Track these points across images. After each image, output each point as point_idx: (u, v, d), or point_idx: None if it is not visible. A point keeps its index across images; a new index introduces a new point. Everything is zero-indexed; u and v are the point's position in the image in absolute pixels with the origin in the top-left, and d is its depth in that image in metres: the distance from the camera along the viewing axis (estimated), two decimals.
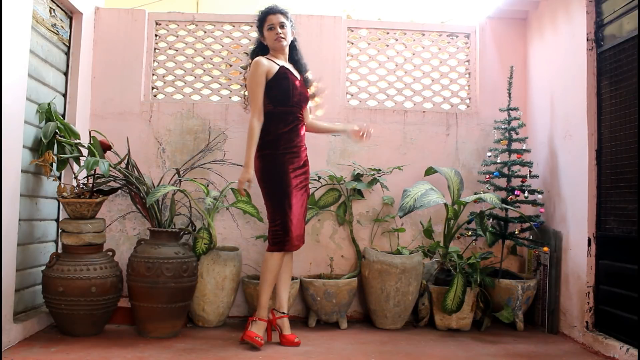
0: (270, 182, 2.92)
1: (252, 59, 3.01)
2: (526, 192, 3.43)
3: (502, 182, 3.54)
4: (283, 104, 2.95)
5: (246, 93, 3.08)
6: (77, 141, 3.14)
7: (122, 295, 3.08)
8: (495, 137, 3.66)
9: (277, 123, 2.94)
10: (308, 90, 3.10)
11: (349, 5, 5.16)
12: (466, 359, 2.77)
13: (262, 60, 2.95)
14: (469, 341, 3.11)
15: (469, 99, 3.90)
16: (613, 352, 2.72)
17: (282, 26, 2.98)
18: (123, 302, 3.10)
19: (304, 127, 3.07)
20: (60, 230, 3.06)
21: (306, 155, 3.06)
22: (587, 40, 3.07)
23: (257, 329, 2.87)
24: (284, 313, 2.98)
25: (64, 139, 3.05)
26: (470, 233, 3.55)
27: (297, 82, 3.01)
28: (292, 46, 3.09)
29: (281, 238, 2.87)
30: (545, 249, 3.34)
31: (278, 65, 2.97)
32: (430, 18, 4.65)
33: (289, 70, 3.00)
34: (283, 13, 3.00)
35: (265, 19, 3.00)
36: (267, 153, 2.92)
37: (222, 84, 3.82)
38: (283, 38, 2.98)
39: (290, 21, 3.03)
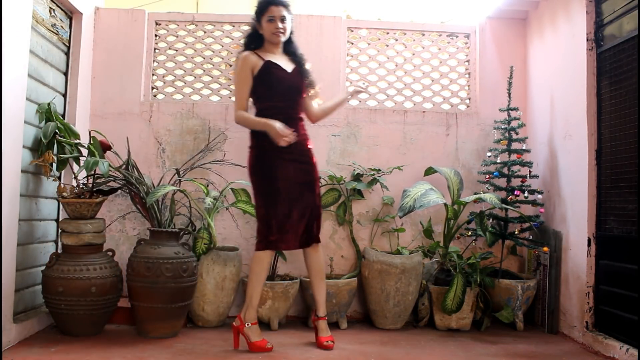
0: (258, 177, 2.84)
1: (245, 48, 2.94)
2: (526, 192, 3.43)
3: (502, 182, 3.54)
4: (270, 99, 2.87)
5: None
6: (77, 141, 3.15)
7: (122, 295, 3.08)
8: (495, 137, 3.66)
9: (269, 117, 2.80)
10: (305, 81, 2.96)
11: (349, 5, 5.16)
12: (466, 359, 2.77)
13: (249, 56, 2.88)
14: (468, 341, 3.11)
15: (469, 99, 3.90)
16: (613, 352, 2.72)
17: (282, 20, 2.86)
18: (123, 302, 3.10)
19: (300, 121, 2.93)
20: (60, 230, 3.06)
21: (308, 150, 2.92)
22: (587, 40, 3.07)
23: (256, 335, 2.81)
24: (318, 316, 2.95)
25: (63, 139, 3.05)
26: (470, 233, 3.54)
27: (287, 75, 2.89)
28: (289, 39, 2.97)
29: (264, 236, 2.79)
30: (545, 249, 3.34)
31: (264, 60, 2.87)
32: (430, 18, 4.66)
33: (274, 64, 2.88)
34: (285, 6, 2.88)
35: (266, 8, 2.86)
36: (255, 148, 2.86)
37: (222, 84, 3.82)
38: (282, 33, 2.87)
39: (291, 15, 2.93)
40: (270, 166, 2.81)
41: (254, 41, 2.94)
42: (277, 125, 2.72)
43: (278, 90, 2.87)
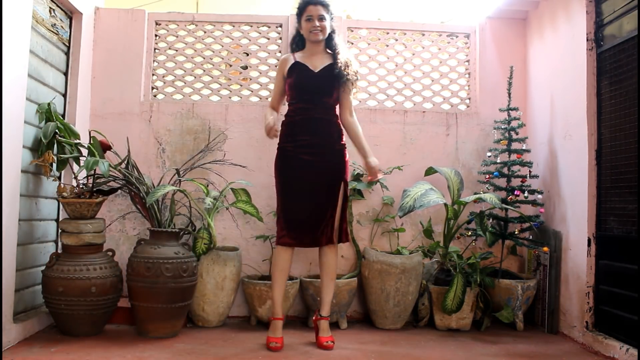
0: (276, 174, 2.97)
1: (289, 48, 3.07)
2: (526, 192, 3.43)
3: (502, 182, 3.54)
4: (294, 100, 2.96)
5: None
6: (77, 141, 3.14)
7: (122, 295, 3.08)
8: (495, 137, 3.66)
9: (292, 117, 2.95)
10: (334, 81, 2.92)
11: (349, 5, 5.16)
12: (466, 359, 2.77)
13: (285, 57, 3.02)
14: (468, 341, 3.11)
15: (469, 99, 3.90)
16: (613, 352, 2.72)
17: (320, 19, 2.90)
18: (123, 302, 3.10)
19: (326, 122, 2.92)
20: (60, 230, 3.06)
21: (333, 151, 2.92)
22: (587, 40, 3.07)
23: (272, 331, 2.88)
24: (321, 316, 2.96)
25: (63, 139, 3.05)
26: (470, 233, 3.54)
27: (312, 76, 2.92)
28: (329, 37, 2.99)
29: (277, 231, 2.93)
30: (545, 249, 3.34)
31: (294, 60, 2.97)
32: (430, 18, 4.66)
33: (301, 64, 2.94)
34: (324, 5, 2.92)
35: (305, 8, 2.92)
36: (278, 146, 2.97)
37: (222, 84, 3.82)
38: (320, 31, 2.91)
39: (331, 13, 2.96)
40: (285, 164, 2.92)
41: (297, 41, 3.03)
42: (266, 121, 2.87)
43: (300, 91, 2.94)
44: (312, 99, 2.93)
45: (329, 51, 3.01)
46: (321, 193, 2.91)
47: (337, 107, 3.01)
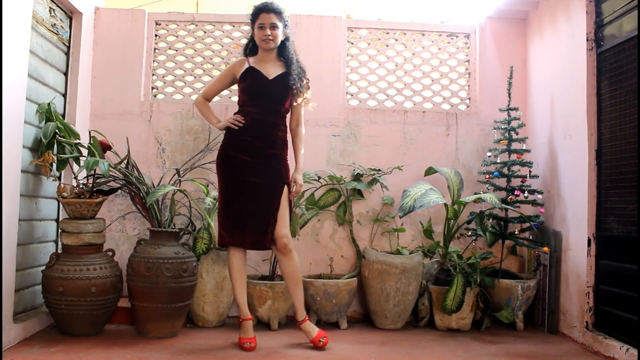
0: (218, 172, 2.95)
1: (243, 53, 3.05)
2: (526, 192, 3.43)
3: (502, 182, 3.54)
4: (247, 104, 2.92)
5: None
6: (77, 141, 3.15)
7: (122, 295, 3.08)
8: (495, 137, 3.66)
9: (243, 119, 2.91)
10: (288, 89, 2.91)
11: (349, 5, 5.16)
12: (466, 359, 2.77)
13: (238, 60, 3.01)
14: (468, 341, 3.11)
15: (469, 99, 3.91)
16: (613, 352, 2.72)
17: (273, 27, 2.87)
18: (123, 302, 3.10)
19: (274, 127, 2.91)
20: (60, 230, 3.06)
21: (272, 153, 2.88)
22: (587, 40, 3.07)
23: (244, 333, 2.88)
24: (298, 321, 2.93)
25: (63, 139, 3.05)
26: (470, 233, 3.54)
27: (266, 83, 2.90)
28: (282, 45, 2.96)
29: (218, 231, 2.94)
30: (545, 249, 3.34)
31: (248, 65, 2.94)
32: (430, 18, 4.65)
33: (255, 70, 2.91)
34: (277, 13, 2.88)
35: (257, 15, 2.90)
36: (221, 145, 2.95)
37: None
38: (271, 40, 2.88)
39: (284, 21, 2.92)
40: (226, 163, 2.91)
41: (250, 48, 3.02)
42: (217, 122, 2.98)
43: (253, 96, 2.92)
44: (264, 105, 2.91)
45: (282, 59, 2.97)
46: (261, 194, 2.84)
47: (288, 116, 3.00)
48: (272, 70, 2.94)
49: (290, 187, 2.91)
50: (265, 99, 2.91)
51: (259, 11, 2.90)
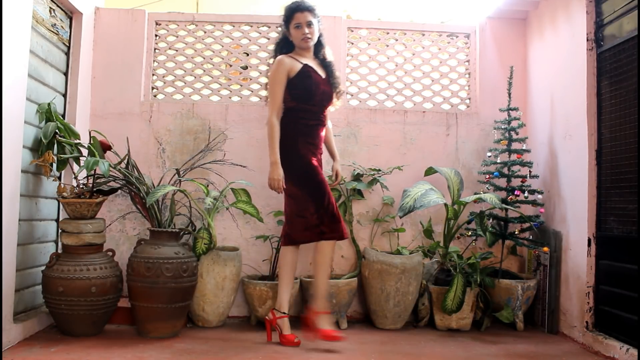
0: (299, 173, 2.92)
1: (276, 54, 3.02)
2: (526, 192, 3.43)
3: (502, 182, 3.54)
4: (305, 102, 2.95)
5: (266, 93, 3.12)
6: (77, 141, 3.15)
7: (122, 295, 3.08)
8: (495, 137, 3.66)
9: (298, 119, 2.94)
10: (333, 89, 3.04)
11: (349, 5, 5.16)
12: (466, 359, 2.77)
13: (284, 59, 2.95)
14: (469, 341, 3.11)
15: (469, 99, 3.91)
16: (613, 352, 2.72)
17: (309, 25, 2.92)
18: (123, 302, 3.10)
19: (323, 130, 3.05)
20: (60, 230, 3.06)
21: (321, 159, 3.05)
22: (587, 40, 3.07)
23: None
24: (284, 313, 2.96)
25: (64, 139, 3.05)
26: (470, 233, 3.54)
27: (321, 81, 2.97)
28: (318, 42, 3.02)
29: (319, 228, 2.88)
30: (545, 249, 3.34)
31: (301, 63, 2.95)
32: (430, 18, 4.65)
33: (312, 68, 2.97)
34: (311, 11, 2.92)
35: (292, 16, 2.93)
36: (289, 148, 2.92)
37: (222, 84, 3.82)
38: (310, 38, 2.93)
39: (317, 17, 2.97)
40: (306, 162, 2.96)
41: (285, 47, 3.02)
42: (279, 173, 2.87)
43: (314, 95, 2.93)
44: (322, 104, 2.99)
45: (316, 57, 3.05)
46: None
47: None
48: (318, 69, 3.01)
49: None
50: (323, 98, 2.98)
51: (292, 11, 2.93)
